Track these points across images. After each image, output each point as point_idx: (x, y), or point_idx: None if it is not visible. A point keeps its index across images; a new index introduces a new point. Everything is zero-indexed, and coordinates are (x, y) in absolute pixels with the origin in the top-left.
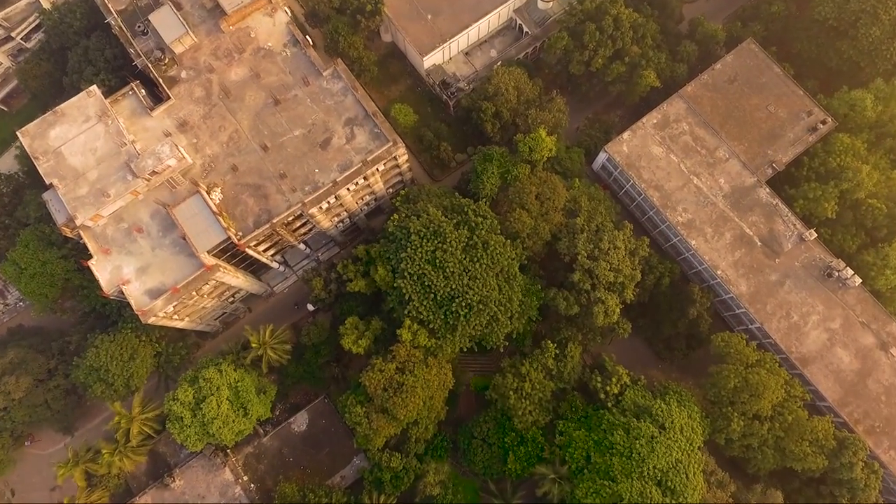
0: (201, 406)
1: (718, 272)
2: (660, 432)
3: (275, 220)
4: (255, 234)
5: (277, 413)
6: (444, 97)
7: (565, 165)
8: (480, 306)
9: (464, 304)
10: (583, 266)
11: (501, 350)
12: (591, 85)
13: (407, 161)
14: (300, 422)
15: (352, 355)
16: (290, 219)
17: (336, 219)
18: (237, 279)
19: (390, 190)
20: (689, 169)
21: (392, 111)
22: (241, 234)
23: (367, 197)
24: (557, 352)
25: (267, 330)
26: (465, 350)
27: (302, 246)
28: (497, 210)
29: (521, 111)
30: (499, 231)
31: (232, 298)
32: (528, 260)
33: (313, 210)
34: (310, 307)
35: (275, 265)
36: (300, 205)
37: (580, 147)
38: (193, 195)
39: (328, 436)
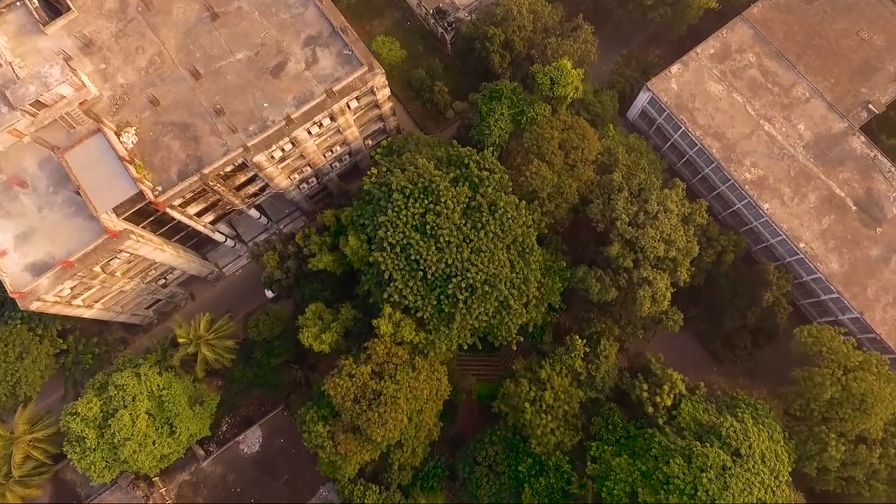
0: (110, 422)
1: (801, 245)
2: (734, 461)
3: (206, 171)
4: (179, 188)
5: (224, 429)
6: (440, 30)
7: (594, 111)
8: (486, 289)
9: (463, 286)
10: (623, 235)
11: (514, 348)
12: (625, 11)
13: (389, 100)
14: (251, 441)
15: (320, 354)
16: (229, 169)
17: (297, 176)
18: (164, 254)
19: (369, 142)
20: (759, 112)
21: (373, 45)
22: (159, 188)
23: (338, 148)
24: (587, 350)
25: (202, 321)
26: (466, 348)
27: (255, 214)
28: (508, 163)
29: (538, 41)
30: (510, 189)
31: (163, 280)
32: (548, 229)
33: (260, 159)
34: (268, 293)
35: (220, 238)
36: (241, 150)
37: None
38: (94, 135)
39: (287, 459)
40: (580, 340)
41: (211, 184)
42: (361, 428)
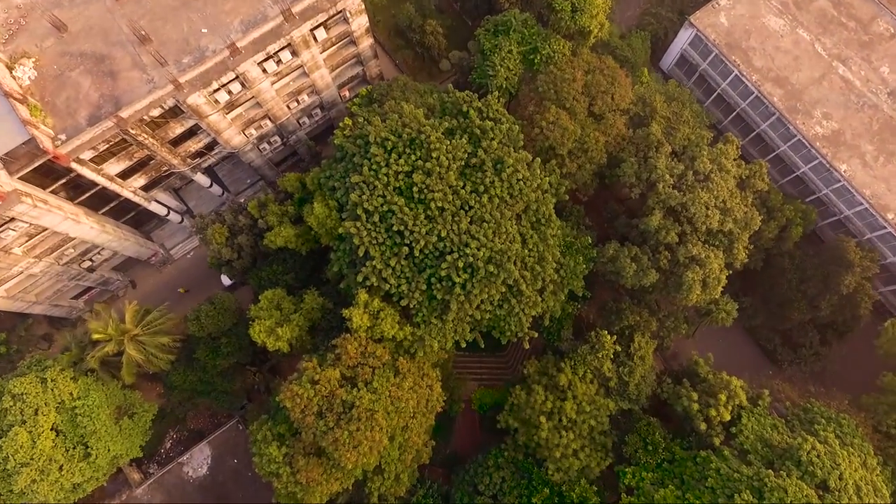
0: (1, 444)
1: (889, 217)
2: (821, 497)
3: (125, 114)
4: (88, 136)
5: (168, 445)
6: None
7: (622, 56)
8: (490, 269)
9: (461, 266)
10: (665, 202)
11: (526, 346)
12: None
13: (368, 34)
14: (198, 461)
15: (283, 354)
16: (157, 114)
17: (254, 133)
18: (81, 227)
19: (346, 93)
20: (831, 51)
21: None
22: (62, 136)
23: (306, 98)
24: (618, 349)
25: (128, 311)
26: (465, 346)
27: (204, 181)
28: (518, 114)
29: None
30: (521, 144)
31: (88, 262)
32: (568, 196)
33: (197, 101)
34: (224, 280)
35: (160, 210)
36: (171, 87)
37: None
38: None
39: (242, 484)
40: (609, 337)
41: (133, 133)
42: (328, 451)
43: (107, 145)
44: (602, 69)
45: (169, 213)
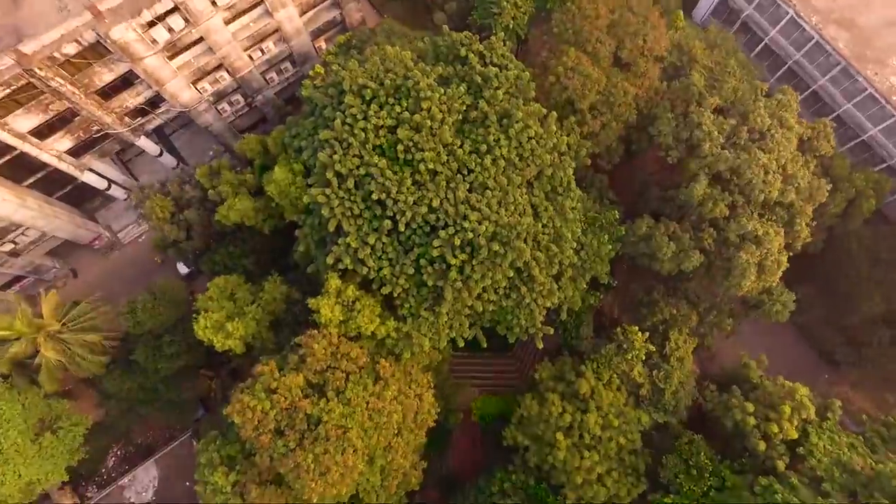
0: None
1: None
2: None
3: (29, 49)
4: None
5: (111, 464)
6: None
7: None
8: (495, 248)
9: (458, 244)
10: (712, 165)
11: (539, 346)
12: None
13: None
14: (143, 483)
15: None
16: (74, 51)
17: (208, 87)
18: None
19: (322, 44)
20: None
21: None
22: None
23: (272, 46)
24: (651, 348)
25: (46, 302)
26: (463, 345)
27: (151, 147)
28: (528, 61)
29: None
30: (532, 95)
31: (11, 245)
32: (591, 162)
33: (126, 36)
34: (181, 268)
35: (93, 181)
36: (89, 16)
37: None
38: None
39: None
40: (640, 334)
41: (43, 75)
42: (288, 479)
43: (8, 90)
44: (630, 6)
45: (110, 186)
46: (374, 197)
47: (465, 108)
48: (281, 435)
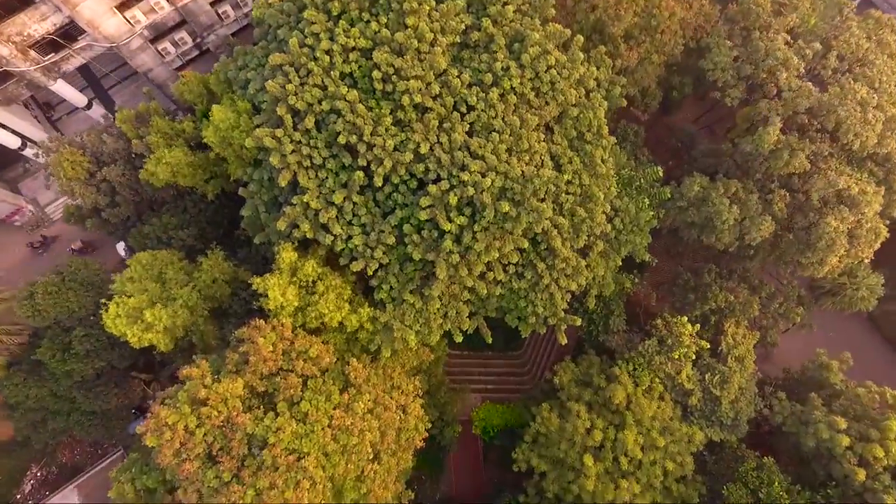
0: None
1: None
2: None
3: None
4: None
5: (28, 488)
6: None
7: None
8: (505, 209)
9: (455, 203)
10: (789, 102)
11: (561, 341)
12: None
13: None
14: None
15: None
16: None
17: (142, 18)
18: None
19: None
20: None
21: None
22: None
23: None
24: (704, 345)
25: None
26: (463, 340)
27: (71, 94)
28: None
29: None
30: (552, 14)
31: None
32: (626, 104)
33: None
34: (120, 249)
35: (7, 139)
36: None
37: None
38: None
39: None
40: (690, 326)
41: None
42: None
43: None
44: None
45: (25, 146)
46: (342, 140)
47: (464, 28)
48: (213, 462)
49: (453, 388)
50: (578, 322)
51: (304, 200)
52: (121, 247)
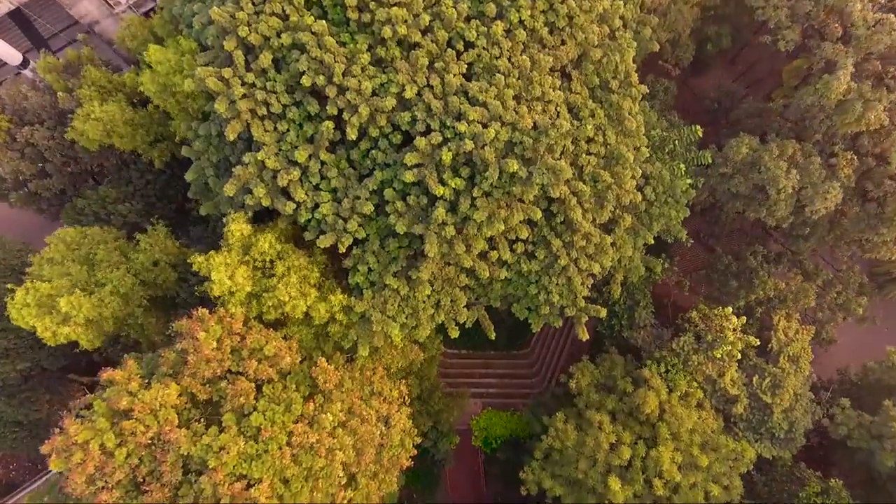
0: None
1: None
2: None
3: None
4: None
5: None
6: None
7: None
8: (512, 168)
9: (448, 161)
10: (863, 41)
11: (583, 337)
12: None
13: None
14: None
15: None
16: None
17: None
18: None
19: None
20: None
21: None
22: None
23: None
24: (753, 341)
25: None
26: (459, 336)
27: (8, 53)
28: None
29: None
30: None
31: None
32: (658, 49)
33: None
34: None
35: None
36: None
37: None
38: None
39: None
40: (736, 319)
41: None
42: None
43: None
44: None
45: None
46: (306, 83)
47: None
48: (138, 491)
49: (449, 393)
50: (604, 313)
51: (259, 158)
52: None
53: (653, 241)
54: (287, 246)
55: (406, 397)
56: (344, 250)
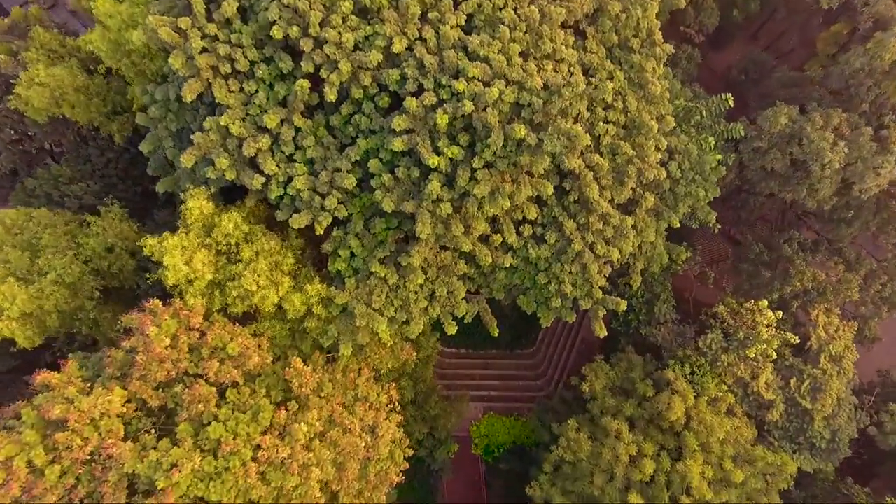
0: None
1: None
2: None
3: None
4: None
5: None
6: None
7: None
8: (520, 135)
9: (444, 126)
10: None
11: (599, 333)
12: None
13: None
14: None
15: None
16: None
17: None
18: None
19: None
20: None
21: None
22: None
23: None
24: (791, 339)
25: None
26: (457, 332)
27: None
28: None
29: None
30: None
31: None
32: (683, 6)
33: None
34: None
35: None
36: None
37: None
38: None
39: None
40: (771, 313)
41: None
42: None
43: None
44: None
45: None
46: (277, 35)
47: None
48: None
49: (447, 397)
50: (624, 306)
51: (222, 124)
52: None
53: (678, 224)
54: (257, 227)
55: (396, 403)
56: (322, 232)
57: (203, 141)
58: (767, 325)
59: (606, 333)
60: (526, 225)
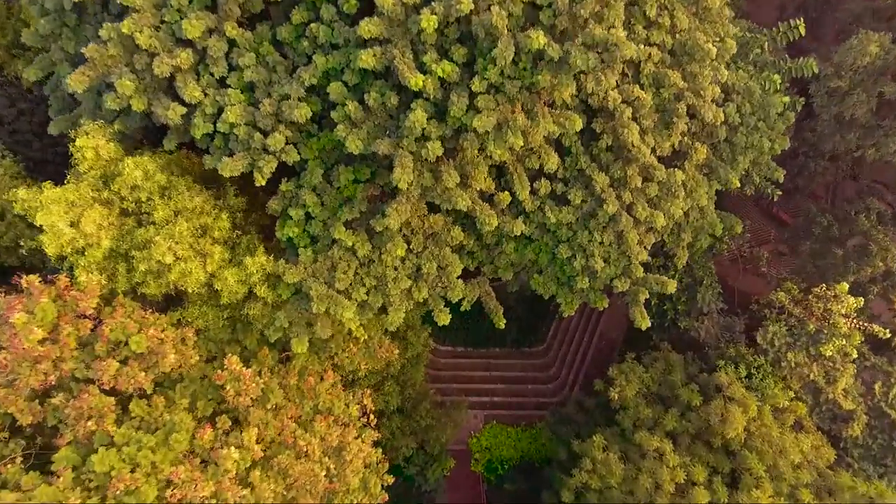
0: None
1: None
2: None
3: None
4: None
5: None
6: None
7: None
8: (536, 47)
9: (432, 36)
10: None
11: (644, 324)
12: None
13: None
14: None
15: None
16: None
17: None
18: None
19: None
20: None
21: None
22: None
23: None
24: (883, 331)
25: None
26: (460, 322)
27: None
28: None
29: None
30: None
31: None
32: None
33: None
34: None
35: None
36: None
37: None
38: None
39: None
40: (851, 300)
41: None
42: None
43: None
44: None
45: None
46: None
47: None
48: None
49: (441, 403)
50: (673, 287)
51: (125, 32)
52: None
53: (737, 184)
54: (180, 180)
55: (372, 414)
56: (263, 181)
57: (99, 56)
58: (846, 316)
59: (650, 323)
60: (543, 180)
